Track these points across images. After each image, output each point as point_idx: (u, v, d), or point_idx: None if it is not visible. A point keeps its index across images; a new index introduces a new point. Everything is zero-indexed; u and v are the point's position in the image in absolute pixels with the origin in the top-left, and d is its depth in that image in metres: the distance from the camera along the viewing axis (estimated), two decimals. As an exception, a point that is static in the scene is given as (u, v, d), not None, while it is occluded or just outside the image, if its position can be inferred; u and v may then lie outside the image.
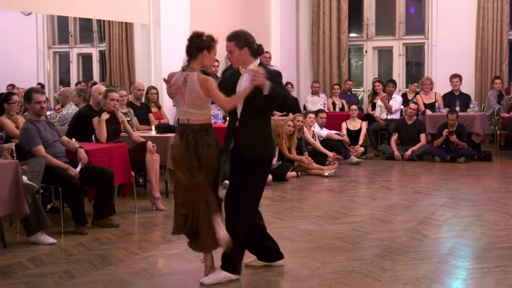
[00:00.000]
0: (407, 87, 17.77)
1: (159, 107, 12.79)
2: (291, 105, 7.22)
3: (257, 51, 6.50)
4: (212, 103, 6.41)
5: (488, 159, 14.60)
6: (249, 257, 6.59)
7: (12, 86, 15.83)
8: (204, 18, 14.55)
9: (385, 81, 16.83)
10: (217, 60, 13.41)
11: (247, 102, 6.11)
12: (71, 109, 11.55)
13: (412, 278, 6.47)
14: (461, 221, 9.07)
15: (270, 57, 16.72)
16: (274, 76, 6.26)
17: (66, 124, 10.82)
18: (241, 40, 6.40)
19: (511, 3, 17.33)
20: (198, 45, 6.27)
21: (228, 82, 6.58)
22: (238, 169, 6.31)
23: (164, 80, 6.34)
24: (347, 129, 15.37)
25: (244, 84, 6.20)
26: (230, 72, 6.99)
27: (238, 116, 6.28)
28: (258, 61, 6.46)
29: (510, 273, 6.61)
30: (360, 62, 19.28)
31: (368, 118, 16.07)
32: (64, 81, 19.13)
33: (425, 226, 8.68)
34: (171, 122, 12.76)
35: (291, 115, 12.65)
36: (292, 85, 16.75)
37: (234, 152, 6.31)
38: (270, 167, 6.74)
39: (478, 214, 9.40)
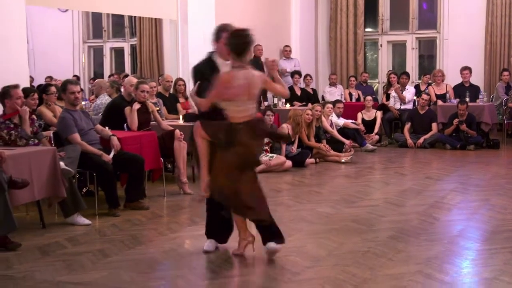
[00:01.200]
0: (419, 78, 17.69)
1: (186, 98, 12.79)
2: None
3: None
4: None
5: (496, 147, 14.53)
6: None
7: (50, 78, 15.91)
8: (228, 14, 14.52)
9: (399, 73, 16.76)
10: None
11: None
12: (104, 99, 11.59)
13: (423, 258, 6.45)
14: (470, 205, 9.04)
15: (290, 51, 16.74)
16: None
17: (100, 113, 10.86)
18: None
19: (519, 0, 17.24)
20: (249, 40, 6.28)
21: None
22: None
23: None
24: (363, 119, 15.33)
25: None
26: None
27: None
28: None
29: (516, 254, 6.60)
30: (375, 55, 19.22)
31: (383, 108, 16.03)
32: (98, 73, 19.17)
33: (436, 209, 8.66)
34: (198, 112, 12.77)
35: (310, 105, 12.64)
36: (311, 76, 16.72)
37: None
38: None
39: (486, 199, 9.36)
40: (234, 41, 6.15)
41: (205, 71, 6.51)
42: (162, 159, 9.72)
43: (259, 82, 6.17)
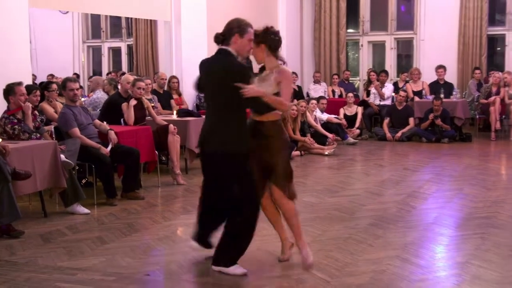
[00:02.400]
0: (397, 76, 17.73)
1: (179, 94, 12.78)
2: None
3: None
4: None
5: (469, 140, 14.58)
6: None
7: (52, 75, 15.87)
8: (219, 16, 14.49)
9: (379, 71, 16.81)
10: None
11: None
12: (99, 94, 11.60)
13: (401, 244, 6.48)
14: (444, 194, 9.08)
15: (277, 50, 16.68)
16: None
17: (98, 108, 10.85)
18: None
19: (490, 3, 17.29)
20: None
21: None
22: None
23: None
24: (345, 114, 15.34)
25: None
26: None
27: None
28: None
29: (486, 239, 6.62)
30: (357, 55, 19.22)
31: (363, 104, 16.06)
32: (97, 71, 19.13)
33: (412, 198, 8.69)
34: (190, 108, 12.76)
35: (295, 101, 12.65)
36: (296, 74, 16.73)
37: None
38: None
39: (459, 188, 9.40)
40: (275, 37, 5.71)
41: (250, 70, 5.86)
42: (156, 152, 9.71)
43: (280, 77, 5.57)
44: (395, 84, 16.65)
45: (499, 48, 18.00)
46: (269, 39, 5.67)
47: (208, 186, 5.75)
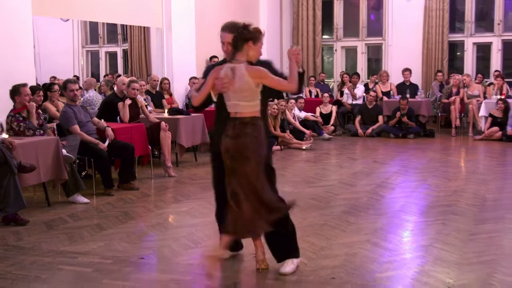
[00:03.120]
0: (368, 78, 17.77)
1: (170, 94, 12.75)
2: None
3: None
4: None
5: (432, 135, 14.66)
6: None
7: (54, 77, 15.76)
8: (206, 23, 14.50)
9: (351, 74, 16.86)
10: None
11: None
12: (92, 93, 11.64)
13: (371, 229, 6.51)
14: (410, 185, 9.13)
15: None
16: (269, 65, 5.21)
17: (91, 106, 10.83)
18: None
19: (450, 12, 17.37)
20: (245, 36, 5.12)
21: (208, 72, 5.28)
22: None
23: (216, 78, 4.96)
24: (320, 112, 15.37)
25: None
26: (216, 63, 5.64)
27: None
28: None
29: (447, 225, 6.66)
30: (331, 59, 19.24)
31: (337, 103, 16.10)
32: (95, 74, 19.05)
33: (381, 188, 8.73)
34: (180, 106, 12.74)
35: (275, 100, 12.67)
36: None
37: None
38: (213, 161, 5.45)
39: (423, 179, 9.46)
40: (234, 35, 5.27)
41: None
42: (150, 146, 9.71)
43: (248, 78, 4.87)
44: (366, 85, 16.69)
45: (458, 53, 18.08)
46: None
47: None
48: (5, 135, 7.30)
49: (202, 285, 5.00)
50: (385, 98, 15.45)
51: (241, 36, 5.12)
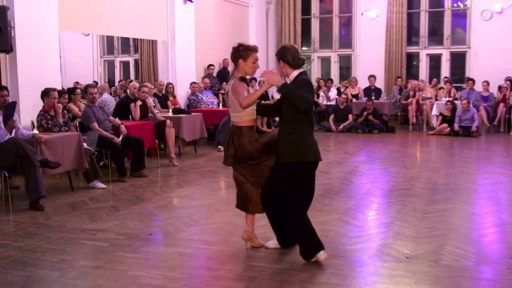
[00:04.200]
0: (340, 83, 17.78)
1: (174, 97, 12.69)
2: (300, 104, 4.54)
3: (293, 62, 4.79)
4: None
5: (393, 131, 14.70)
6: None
7: (77, 83, 15.68)
8: (203, 37, 14.48)
9: (326, 79, 16.86)
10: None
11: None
12: (106, 96, 11.57)
13: (343, 209, 6.53)
14: (375, 172, 9.15)
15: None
16: (300, 83, 4.65)
17: (105, 106, 10.78)
18: (277, 54, 4.90)
19: (408, 29, 17.45)
20: (233, 56, 4.92)
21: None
22: None
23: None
24: (300, 111, 15.38)
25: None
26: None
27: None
28: (295, 72, 4.79)
29: (405, 205, 6.69)
30: (309, 67, 19.23)
31: (314, 104, 16.09)
32: (111, 80, 18.96)
33: (351, 175, 8.75)
34: (183, 107, 12.70)
35: (262, 101, 12.64)
36: (263, 82, 16.63)
37: None
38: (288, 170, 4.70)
39: (386, 167, 9.48)
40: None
41: None
42: (157, 140, 9.69)
43: (231, 92, 4.83)
44: (338, 89, 16.70)
45: (414, 62, 18.14)
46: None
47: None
48: (35, 131, 7.29)
49: (201, 257, 5.00)
50: (354, 100, 15.47)
51: (232, 55, 4.98)
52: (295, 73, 4.75)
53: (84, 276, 4.50)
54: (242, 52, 4.91)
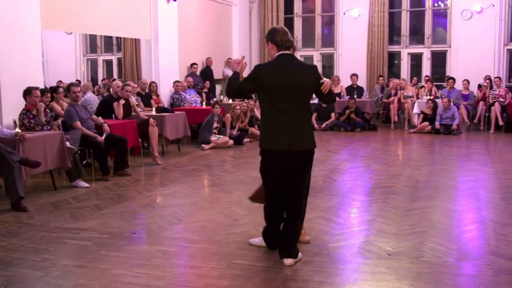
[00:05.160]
0: (322, 82, 17.80)
1: (157, 95, 12.65)
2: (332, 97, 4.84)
3: (280, 44, 4.52)
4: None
5: (375, 129, 14.77)
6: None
7: (60, 81, 15.57)
8: (186, 36, 14.43)
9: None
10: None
11: None
12: (89, 94, 11.54)
13: (326, 207, 6.55)
14: (357, 170, 9.19)
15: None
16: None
17: (88, 105, 10.70)
18: (267, 36, 4.62)
19: (389, 28, 17.54)
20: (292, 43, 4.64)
21: None
22: None
23: None
24: (283, 110, 15.38)
25: None
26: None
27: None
28: (279, 54, 4.54)
29: (387, 203, 6.72)
30: (292, 66, 19.26)
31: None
32: (94, 78, 18.84)
33: (334, 173, 8.77)
34: (166, 106, 12.65)
35: (246, 100, 12.65)
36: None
37: None
38: (266, 156, 4.65)
39: (368, 165, 9.52)
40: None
41: None
42: (140, 139, 9.64)
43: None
44: (320, 88, 16.73)
45: (396, 61, 18.25)
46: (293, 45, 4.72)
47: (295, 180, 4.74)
48: (18, 130, 7.23)
49: (184, 255, 4.98)
50: (336, 98, 15.50)
51: (292, 43, 4.68)
52: (277, 55, 4.56)
53: (67, 275, 4.46)
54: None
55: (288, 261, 4.58)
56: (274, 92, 4.47)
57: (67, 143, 7.75)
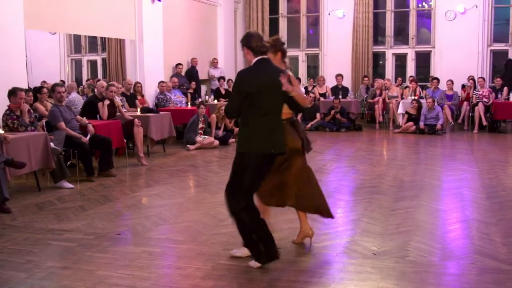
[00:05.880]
0: (307, 82, 17.87)
1: (142, 96, 12.60)
2: (299, 107, 4.70)
3: (256, 49, 4.53)
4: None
5: (360, 129, 14.83)
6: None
7: (44, 82, 15.47)
8: (171, 36, 14.39)
9: (293, 78, 16.91)
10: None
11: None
12: (74, 95, 11.47)
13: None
14: (342, 170, 9.21)
15: (217, 62, 16.63)
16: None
17: (73, 105, 10.64)
18: (242, 40, 4.63)
19: (374, 28, 17.62)
20: (278, 47, 4.89)
21: None
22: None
23: None
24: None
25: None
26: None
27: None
28: (256, 59, 4.54)
29: (372, 202, 6.76)
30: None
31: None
32: (78, 79, 18.75)
33: (319, 173, 8.75)
34: (151, 106, 12.60)
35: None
36: (232, 80, 16.64)
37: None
38: (254, 159, 4.60)
39: (353, 165, 9.55)
40: (284, 47, 4.99)
41: None
42: (125, 140, 9.61)
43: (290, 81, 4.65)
44: (306, 88, 16.78)
45: (381, 62, 18.33)
46: (282, 48, 4.96)
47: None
48: (1, 131, 7.16)
49: (170, 256, 4.97)
50: (322, 99, 15.57)
51: (277, 46, 4.93)
52: (254, 60, 4.56)
53: (51, 276, 4.44)
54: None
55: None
56: (257, 96, 4.45)
57: (51, 144, 7.71)
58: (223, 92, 15.59)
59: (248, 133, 4.57)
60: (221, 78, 15.95)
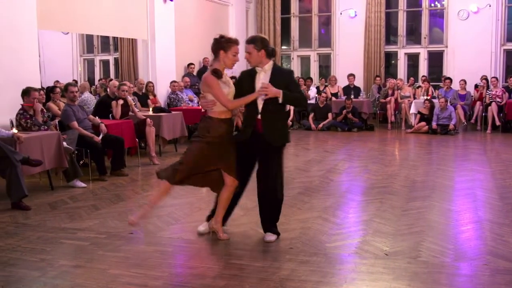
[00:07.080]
0: (319, 82, 17.84)
1: (154, 95, 12.65)
2: (302, 104, 5.56)
3: (271, 53, 5.09)
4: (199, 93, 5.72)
5: (372, 129, 14.79)
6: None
7: (57, 81, 15.57)
8: (183, 36, 14.43)
9: (305, 78, 16.92)
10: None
11: (268, 100, 5.00)
12: (87, 94, 11.54)
13: (322, 207, 6.55)
14: (354, 170, 9.19)
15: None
16: (286, 74, 5.20)
17: (86, 105, 10.69)
18: (259, 43, 5.04)
19: (386, 28, 17.57)
20: (214, 46, 5.08)
21: (245, 80, 5.20)
22: (265, 155, 5.37)
23: None
24: (280, 110, 15.39)
25: (261, 82, 4.98)
26: (247, 71, 5.34)
27: (259, 110, 5.09)
28: (271, 62, 5.11)
29: (384, 203, 6.73)
30: (289, 65, 19.27)
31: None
32: (91, 78, 18.84)
33: (331, 173, 8.78)
34: (163, 105, 12.65)
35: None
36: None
37: (258, 140, 5.23)
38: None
39: (365, 165, 9.53)
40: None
41: None
42: (137, 139, 9.64)
43: (201, 85, 5.10)
44: (318, 88, 16.77)
45: (393, 61, 18.27)
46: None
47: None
48: (14, 130, 7.22)
49: (181, 255, 4.98)
50: (333, 98, 15.53)
51: (213, 46, 5.11)
52: (270, 63, 5.08)
53: (64, 275, 4.46)
54: (224, 43, 5.05)
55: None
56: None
57: (64, 143, 7.75)
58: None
59: (286, 126, 5.44)
60: (233, 77, 15.95)
